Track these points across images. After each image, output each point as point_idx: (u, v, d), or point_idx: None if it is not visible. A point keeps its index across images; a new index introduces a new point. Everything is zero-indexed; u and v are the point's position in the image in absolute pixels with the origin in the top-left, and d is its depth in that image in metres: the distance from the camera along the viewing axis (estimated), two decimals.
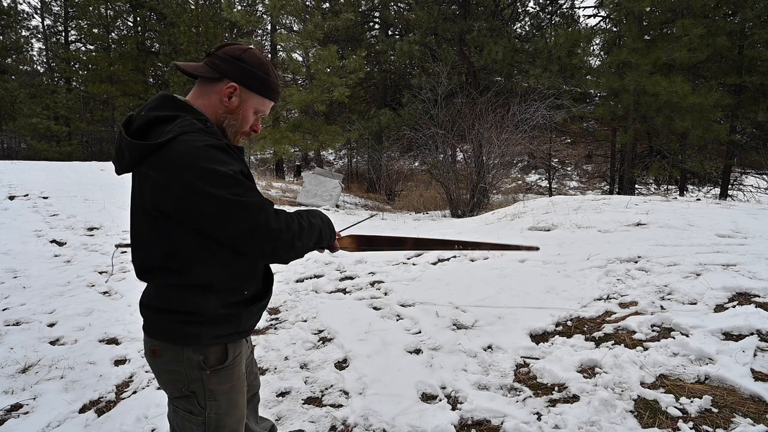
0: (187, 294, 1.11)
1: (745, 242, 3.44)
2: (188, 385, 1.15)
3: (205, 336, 1.14)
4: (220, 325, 1.15)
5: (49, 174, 8.98)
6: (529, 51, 14.69)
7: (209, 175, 0.98)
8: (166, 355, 1.15)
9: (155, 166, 1.01)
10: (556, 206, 5.43)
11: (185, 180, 0.98)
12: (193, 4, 19.94)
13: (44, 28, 22.58)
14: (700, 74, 13.07)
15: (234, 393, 1.22)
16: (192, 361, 1.13)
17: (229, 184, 0.99)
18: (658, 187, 15.25)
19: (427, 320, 2.97)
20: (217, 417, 1.18)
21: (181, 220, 1.04)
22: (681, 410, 1.82)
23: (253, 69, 1.18)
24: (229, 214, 0.99)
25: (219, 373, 1.17)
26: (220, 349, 1.17)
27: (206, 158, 1.00)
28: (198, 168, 0.98)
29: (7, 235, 5.30)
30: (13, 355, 2.74)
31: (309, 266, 4.55)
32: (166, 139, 1.01)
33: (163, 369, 1.17)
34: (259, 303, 1.24)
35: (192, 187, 0.98)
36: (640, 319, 2.51)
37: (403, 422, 1.97)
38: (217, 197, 0.98)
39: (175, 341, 1.13)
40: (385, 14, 17.37)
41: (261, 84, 1.19)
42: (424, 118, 10.72)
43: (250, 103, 1.20)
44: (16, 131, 20.29)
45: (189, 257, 1.08)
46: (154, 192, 1.03)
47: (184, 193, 0.99)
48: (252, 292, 1.21)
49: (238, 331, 1.20)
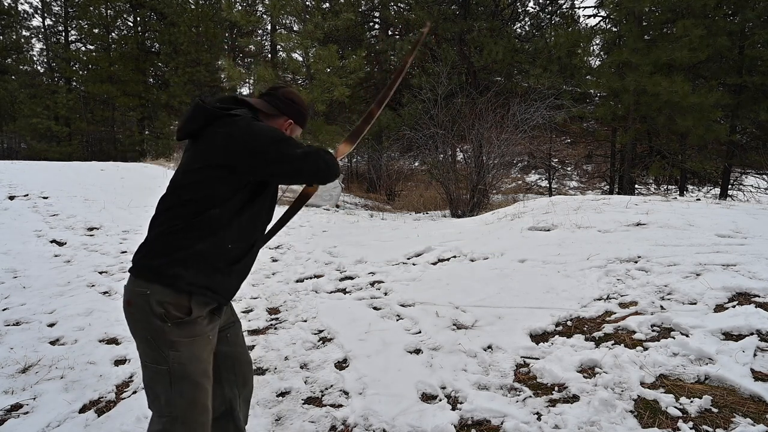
0: (189, 235, 1.32)
1: (745, 242, 3.44)
2: (152, 334, 1.31)
3: (183, 279, 1.31)
4: (199, 274, 1.32)
5: (49, 174, 8.98)
6: (529, 51, 14.68)
7: (267, 131, 1.37)
8: (136, 305, 1.32)
9: (227, 125, 1.35)
10: (556, 206, 5.43)
11: (252, 131, 1.34)
12: (193, 4, 19.95)
13: (44, 28, 22.57)
14: (700, 74, 13.06)
15: (195, 345, 1.34)
16: (155, 312, 1.29)
17: (280, 135, 1.38)
18: (658, 187, 15.24)
19: (427, 320, 2.97)
20: (180, 366, 1.31)
21: (229, 168, 1.33)
22: (681, 410, 1.82)
23: (302, 109, 1.62)
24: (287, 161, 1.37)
25: (180, 326, 1.31)
26: (184, 304, 1.31)
27: (264, 127, 1.40)
28: (260, 128, 1.37)
29: (7, 235, 5.30)
30: (13, 355, 2.74)
31: (309, 266, 4.55)
32: (237, 113, 1.39)
33: (134, 318, 1.34)
34: (234, 266, 1.41)
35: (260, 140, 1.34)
36: (640, 319, 2.51)
37: (403, 422, 1.97)
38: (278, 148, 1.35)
39: (152, 279, 1.31)
40: (385, 14, 17.37)
41: (304, 119, 1.63)
42: (424, 118, 10.71)
43: (296, 133, 1.64)
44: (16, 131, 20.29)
45: (212, 202, 1.33)
46: (217, 143, 1.33)
47: (255, 142, 1.33)
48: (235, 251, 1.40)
49: (210, 288, 1.36)
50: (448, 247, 4.51)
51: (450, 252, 4.39)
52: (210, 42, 19.01)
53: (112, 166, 10.67)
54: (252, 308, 3.48)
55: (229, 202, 1.35)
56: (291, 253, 5.11)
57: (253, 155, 1.33)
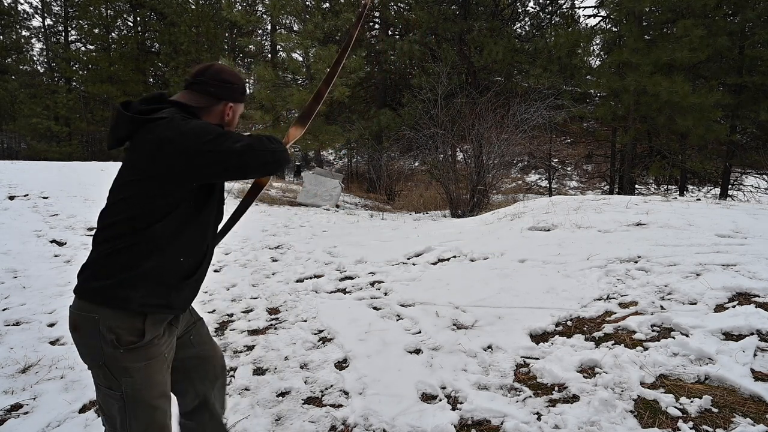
0: (135, 254, 1.23)
1: (745, 242, 3.44)
2: (104, 360, 1.24)
3: (133, 301, 1.23)
4: (150, 293, 1.25)
5: (49, 174, 8.99)
6: (529, 51, 14.69)
7: (198, 128, 1.22)
8: (84, 330, 1.25)
9: (153, 131, 1.22)
10: (556, 206, 5.43)
11: (181, 131, 1.20)
12: (194, 4, 19.95)
13: (44, 28, 22.59)
14: (700, 74, 13.07)
15: (149, 370, 1.28)
16: (106, 338, 1.22)
17: (214, 132, 1.23)
18: (658, 187, 15.25)
19: (427, 320, 2.97)
20: (134, 392, 1.26)
21: (167, 172, 1.22)
22: (681, 410, 1.82)
23: (237, 85, 1.42)
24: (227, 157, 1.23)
25: (132, 352, 1.24)
26: (137, 327, 1.25)
27: (194, 124, 1.24)
28: (189, 126, 1.22)
29: (7, 235, 5.30)
30: (13, 355, 2.74)
31: (309, 266, 4.55)
32: (163, 116, 1.24)
33: (82, 343, 1.27)
34: (188, 279, 1.34)
35: (193, 142, 1.20)
36: (640, 319, 2.51)
37: (403, 422, 1.97)
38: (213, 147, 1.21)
39: (101, 302, 1.22)
40: (385, 14, 17.37)
41: (242, 94, 1.45)
42: (424, 118, 10.71)
43: (238, 111, 1.46)
44: (16, 131, 20.30)
45: (153, 216, 1.23)
46: (147, 152, 1.22)
47: (188, 145, 1.20)
48: (186, 263, 1.32)
49: (166, 304, 1.29)
50: (448, 247, 4.51)
51: (450, 252, 4.39)
52: (210, 42, 19.01)
53: (112, 166, 10.67)
54: (252, 308, 3.48)
55: (173, 215, 1.25)
56: (291, 253, 5.11)
57: (190, 159, 1.20)
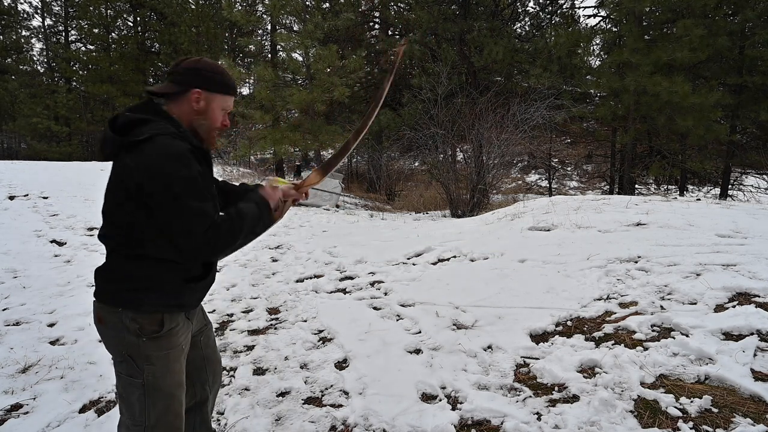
0: (138, 264, 1.28)
1: (745, 242, 3.44)
2: (127, 349, 1.30)
3: (146, 303, 1.29)
4: (161, 295, 1.30)
5: (49, 174, 8.99)
6: (529, 51, 14.67)
7: (173, 172, 1.18)
8: (108, 322, 1.31)
9: (133, 155, 1.21)
10: (556, 206, 5.43)
11: (155, 171, 1.18)
12: (194, 4, 19.95)
13: (44, 28, 22.59)
14: (700, 74, 13.06)
15: (169, 359, 1.34)
16: (129, 329, 1.29)
17: (184, 185, 1.19)
18: (658, 187, 15.24)
19: (427, 320, 2.97)
20: (154, 379, 1.32)
21: (144, 201, 1.21)
22: (681, 410, 1.82)
23: (210, 73, 1.35)
24: (174, 210, 1.19)
25: (155, 341, 1.31)
26: (156, 319, 1.31)
27: (174, 158, 1.19)
28: (166, 164, 1.18)
29: (7, 235, 5.30)
30: (13, 355, 2.74)
31: (309, 266, 4.55)
32: (144, 137, 1.21)
33: (107, 335, 1.33)
34: (200, 282, 1.38)
35: (158, 177, 1.18)
36: (640, 319, 2.51)
37: (403, 422, 1.97)
38: (171, 192, 1.18)
39: (118, 304, 1.29)
40: (385, 14, 17.37)
41: (219, 84, 1.36)
42: (424, 118, 10.71)
43: (215, 102, 1.37)
44: (16, 131, 20.31)
45: (144, 232, 1.25)
46: (127, 175, 1.22)
47: (151, 179, 1.18)
48: (194, 272, 1.36)
49: (177, 304, 1.35)
50: (448, 247, 4.51)
51: (450, 252, 4.39)
52: (210, 42, 19.02)
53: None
54: (252, 308, 3.48)
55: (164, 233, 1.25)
56: (291, 253, 5.11)
57: (150, 198, 1.19)
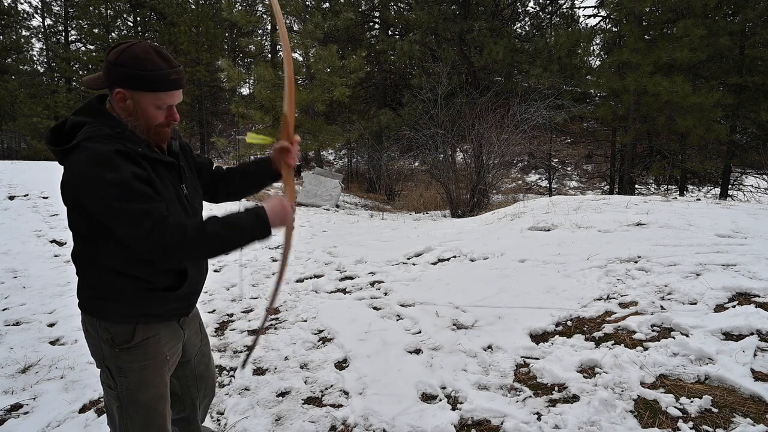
0: (99, 274, 1.24)
1: (745, 242, 3.44)
2: (105, 359, 1.28)
3: (112, 313, 1.24)
4: (128, 305, 1.25)
5: (49, 174, 8.97)
6: (529, 51, 14.68)
7: (99, 180, 1.08)
8: (89, 331, 1.30)
9: (65, 167, 1.15)
10: (556, 206, 5.43)
11: (81, 182, 1.11)
12: (193, 4, 19.94)
13: (44, 28, 22.59)
14: (700, 74, 13.07)
15: (146, 372, 1.28)
16: (103, 338, 1.26)
17: (113, 190, 1.09)
18: (658, 187, 15.25)
19: (427, 320, 2.97)
20: (129, 393, 1.27)
21: (84, 212, 1.15)
22: (681, 410, 1.82)
23: (131, 70, 1.14)
24: (112, 217, 1.11)
25: (128, 352, 1.26)
26: (127, 329, 1.26)
27: (99, 164, 1.09)
28: (90, 173, 1.09)
29: (7, 235, 5.30)
30: (13, 355, 2.74)
31: (309, 266, 4.55)
32: (71, 145, 1.13)
33: (89, 343, 1.32)
34: (173, 292, 1.29)
35: (86, 189, 1.10)
36: (640, 319, 2.51)
37: (403, 422, 1.97)
38: (102, 200, 1.09)
39: (88, 313, 1.27)
40: (385, 14, 17.37)
41: (143, 81, 1.16)
42: (424, 118, 10.72)
43: (144, 101, 1.18)
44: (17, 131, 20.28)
45: (96, 244, 1.20)
46: (62, 187, 1.16)
47: (80, 191, 1.12)
48: (159, 282, 1.26)
49: (148, 314, 1.27)
50: (448, 247, 4.51)
51: (450, 252, 4.38)
52: (210, 42, 19.00)
53: None
54: (252, 308, 3.48)
55: (112, 241, 1.17)
56: (291, 253, 5.11)
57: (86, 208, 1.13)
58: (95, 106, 1.21)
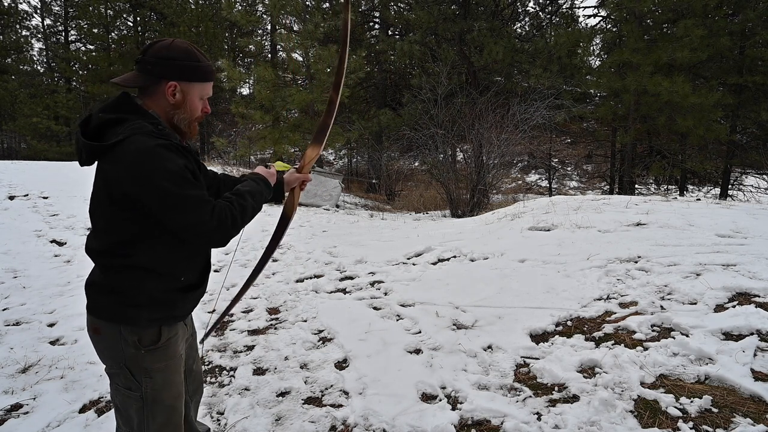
0: (129, 276, 1.23)
1: (745, 242, 3.44)
2: (126, 361, 1.25)
3: (142, 318, 1.24)
4: (156, 309, 1.26)
5: (49, 174, 8.98)
6: (529, 51, 14.68)
7: (157, 170, 1.11)
8: (106, 334, 1.26)
9: (110, 160, 1.15)
10: (556, 206, 5.43)
11: (136, 173, 1.11)
12: (193, 4, 19.94)
13: (44, 28, 22.59)
14: (700, 74, 13.08)
15: (169, 371, 1.31)
16: (128, 340, 1.24)
17: (173, 178, 1.13)
18: (658, 187, 15.25)
19: (427, 320, 2.97)
20: (154, 392, 1.28)
21: (131, 207, 1.16)
22: (681, 410, 1.82)
23: (184, 62, 1.24)
24: (173, 205, 1.13)
25: (153, 353, 1.27)
26: (154, 331, 1.27)
27: (154, 155, 1.12)
28: (147, 163, 1.11)
29: (7, 235, 5.30)
30: (13, 355, 2.74)
31: (309, 266, 4.55)
32: (118, 140, 1.14)
33: (103, 346, 1.28)
34: (195, 291, 1.35)
35: (142, 179, 1.11)
36: (640, 319, 2.51)
37: (403, 422, 1.97)
38: (163, 189, 1.12)
39: (114, 320, 1.24)
40: (385, 14, 17.37)
41: (195, 72, 1.26)
42: (424, 118, 10.72)
43: (193, 93, 1.28)
44: (16, 131, 20.29)
45: (134, 242, 1.20)
46: (108, 183, 1.17)
47: (135, 183, 1.12)
48: (188, 279, 1.32)
49: (173, 315, 1.31)
50: (448, 247, 4.51)
51: (450, 252, 4.38)
52: (210, 42, 18.99)
53: None
54: (252, 308, 3.48)
55: (151, 241, 1.21)
56: (291, 253, 5.11)
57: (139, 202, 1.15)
58: (131, 104, 1.22)
